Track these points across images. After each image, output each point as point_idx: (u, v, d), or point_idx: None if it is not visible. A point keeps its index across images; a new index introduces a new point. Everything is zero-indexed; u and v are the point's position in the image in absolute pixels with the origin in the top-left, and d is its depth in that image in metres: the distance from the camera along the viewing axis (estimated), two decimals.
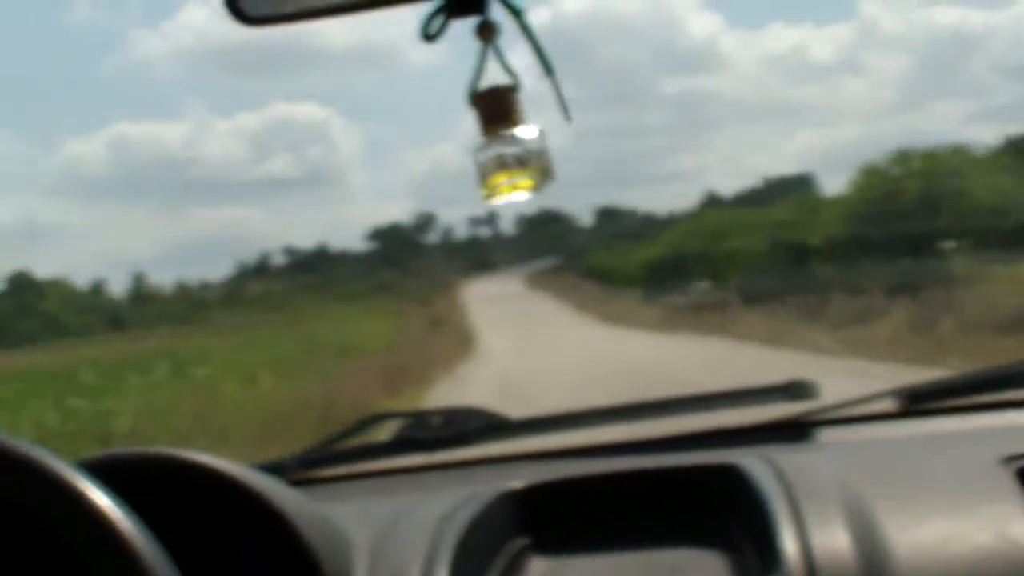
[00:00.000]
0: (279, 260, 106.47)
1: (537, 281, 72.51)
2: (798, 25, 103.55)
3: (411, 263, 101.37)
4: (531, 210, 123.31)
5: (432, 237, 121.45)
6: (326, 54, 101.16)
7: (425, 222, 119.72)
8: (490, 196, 1.23)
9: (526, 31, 1.22)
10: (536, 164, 1.23)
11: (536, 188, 1.24)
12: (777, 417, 1.76)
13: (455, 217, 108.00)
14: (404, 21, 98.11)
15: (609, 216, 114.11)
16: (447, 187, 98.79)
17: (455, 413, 1.86)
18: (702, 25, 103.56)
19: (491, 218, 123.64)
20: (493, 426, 1.84)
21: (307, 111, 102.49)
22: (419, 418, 1.87)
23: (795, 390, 1.82)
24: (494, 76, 1.24)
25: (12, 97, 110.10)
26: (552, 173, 1.23)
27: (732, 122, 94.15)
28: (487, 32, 1.21)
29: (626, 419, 1.84)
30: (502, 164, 1.22)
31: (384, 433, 1.88)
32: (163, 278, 79.33)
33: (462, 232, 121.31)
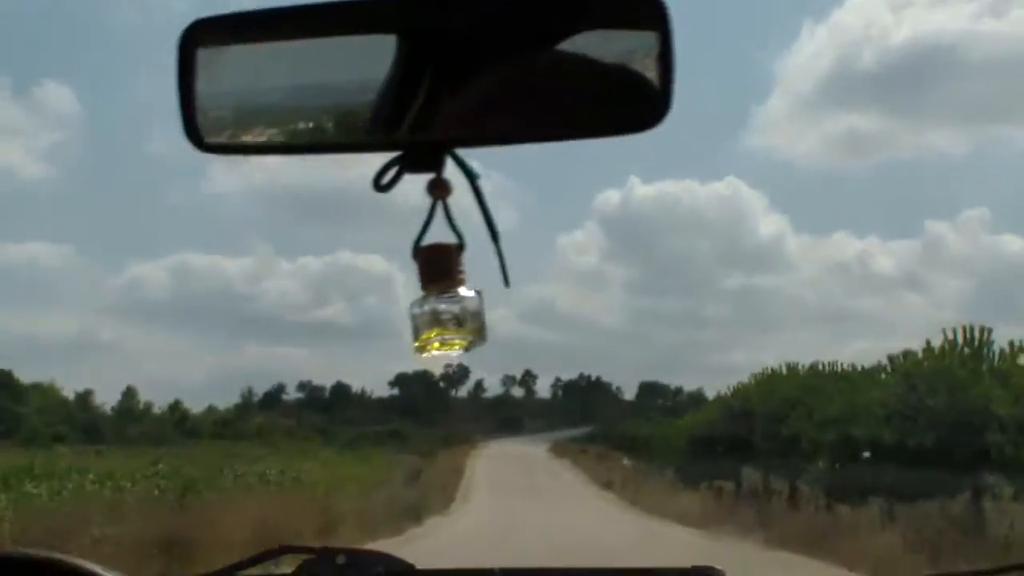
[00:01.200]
0: (294, 395, 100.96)
1: (565, 449, 65.32)
2: (863, 236, 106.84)
3: (433, 415, 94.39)
4: (571, 375, 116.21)
5: (461, 392, 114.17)
6: (398, 209, 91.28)
7: (457, 375, 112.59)
8: (421, 351, 1.25)
9: (478, 195, 1.25)
10: (471, 326, 1.25)
11: (468, 349, 1.27)
12: None
13: (493, 376, 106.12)
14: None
15: (651, 391, 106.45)
16: (492, 351, 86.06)
17: (361, 556, 1.86)
18: (768, 225, 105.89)
19: (525, 378, 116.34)
20: (395, 573, 1.84)
21: (371, 262, 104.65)
22: (325, 556, 1.85)
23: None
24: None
25: (86, 217, 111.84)
26: (486, 336, 1.27)
27: (790, 323, 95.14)
28: (439, 189, 1.23)
29: None
30: (438, 321, 1.24)
31: (288, 566, 1.84)
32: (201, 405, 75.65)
33: (496, 389, 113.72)
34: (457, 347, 1.26)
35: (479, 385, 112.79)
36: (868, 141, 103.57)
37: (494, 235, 1.29)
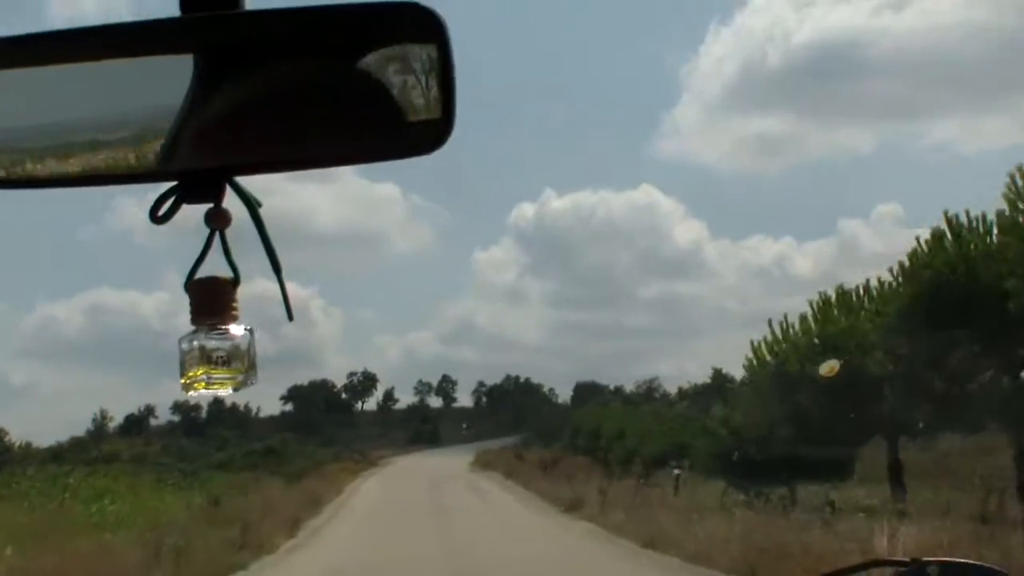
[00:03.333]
0: (166, 418, 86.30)
1: (494, 459, 50.50)
2: (780, 238, 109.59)
3: (334, 430, 79.58)
4: (495, 379, 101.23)
5: (369, 404, 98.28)
6: (314, 235, 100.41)
7: (361, 386, 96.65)
8: (187, 388, 1.20)
9: (258, 225, 1.21)
10: (240, 365, 1.20)
11: (237, 389, 1.21)
12: None
13: (405, 385, 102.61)
14: (392, 209, 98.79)
15: (589, 392, 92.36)
16: (419, 374, 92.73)
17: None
18: (686, 232, 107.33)
19: (443, 385, 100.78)
20: None
21: (287, 289, 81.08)
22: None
23: None
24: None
25: None
26: (256, 375, 1.21)
27: (712, 329, 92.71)
28: (216, 220, 1.19)
29: None
30: (206, 358, 1.19)
31: None
32: None
33: (409, 399, 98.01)
34: (226, 386, 1.20)
35: (389, 395, 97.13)
36: (779, 142, 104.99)
37: (276, 267, 1.26)
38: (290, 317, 1.30)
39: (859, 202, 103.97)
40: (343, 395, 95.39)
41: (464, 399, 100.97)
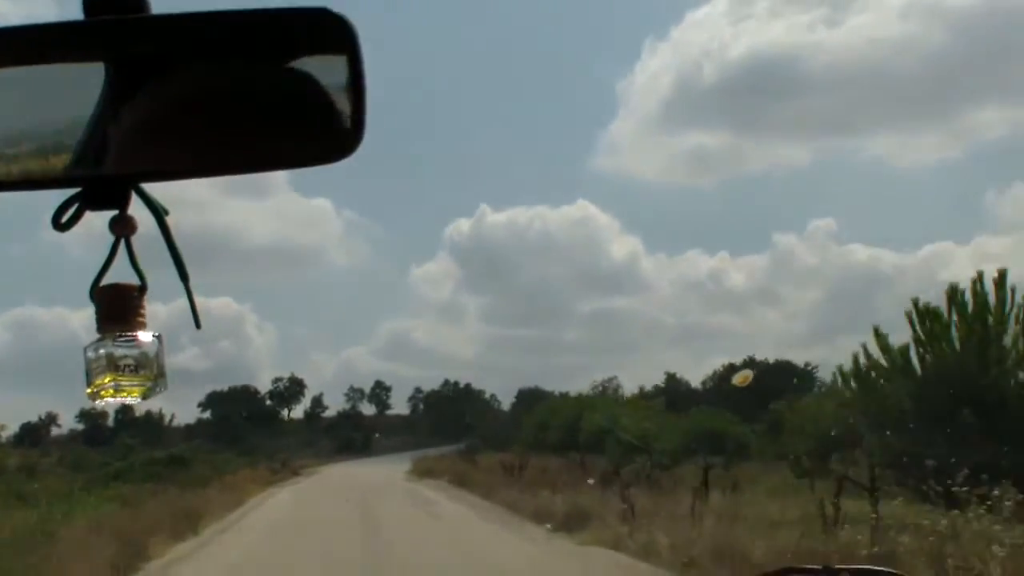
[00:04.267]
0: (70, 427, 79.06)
1: (431, 468, 44.16)
2: (715, 253, 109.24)
3: (256, 439, 72.67)
4: (433, 384, 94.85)
5: (296, 411, 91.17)
6: (248, 251, 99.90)
7: (288, 392, 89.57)
8: (94, 396, 1.18)
9: (165, 233, 1.19)
10: (149, 372, 1.18)
11: (145, 397, 1.19)
12: None
13: (335, 391, 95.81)
14: (327, 224, 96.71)
15: (533, 398, 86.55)
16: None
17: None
18: (622, 247, 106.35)
19: (376, 392, 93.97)
20: None
21: (222, 305, 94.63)
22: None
23: None
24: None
25: None
26: (165, 382, 1.20)
27: (648, 344, 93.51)
28: (120, 227, 1.16)
29: None
30: (113, 366, 1.17)
31: None
32: None
33: (341, 405, 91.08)
34: (134, 394, 1.18)
35: (318, 402, 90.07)
36: (715, 158, 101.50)
37: (183, 275, 1.22)
38: (197, 325, 1.27)
39: (794, 217, 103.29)
40: (267, 402, 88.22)
41: (400, 406, 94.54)
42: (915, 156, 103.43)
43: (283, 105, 1.12)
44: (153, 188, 1.16)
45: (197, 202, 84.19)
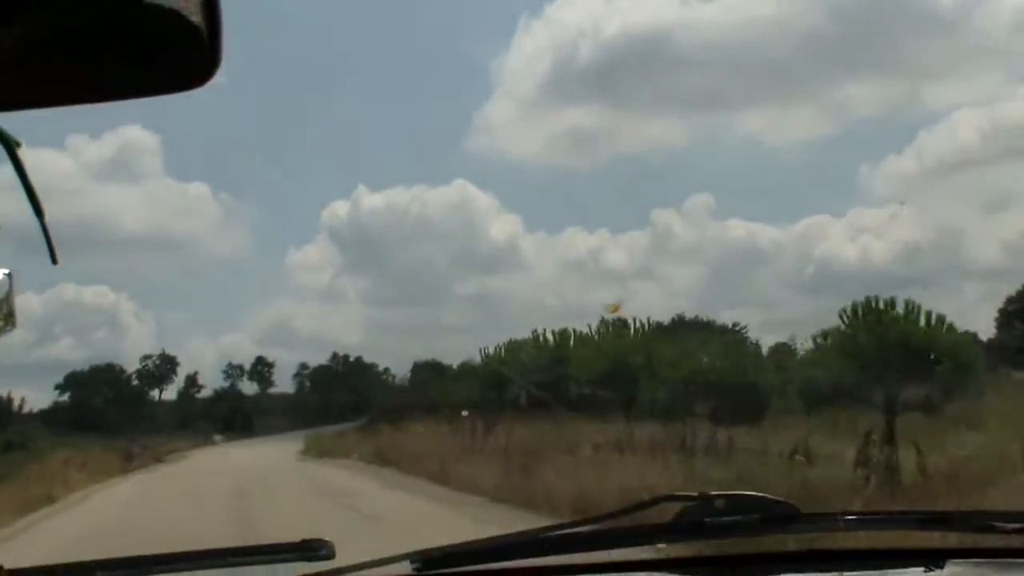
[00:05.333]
0: None
1: (330, 447, 36.92)
2: (594, 231, 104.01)
3: (122, 422, 64.27)
4: (320, 359, 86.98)
5: (169, 392, 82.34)
6: (122, 238, 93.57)
7: (158, 371, 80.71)
8: None
9: (17, 166, 1.13)
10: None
11: None
12: None
13: (211, 369, 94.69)
14: (204, 210, 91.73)
15: (430, 370, 79.91)
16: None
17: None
18: (501, 227, 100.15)
19: (258, 368, 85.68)
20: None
21: (98, 294, 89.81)
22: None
23: (309, 549, 1.83)
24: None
25: None
26: (15, 321, 1.16)
27: (530, 324, 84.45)
28: None
29: (139, 572, 1.88)
30: None
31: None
32: None
33: (217, 384, 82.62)
34: None
35: (192, 381, 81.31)
36: (592, 136, 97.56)
37: (37, 211, 1.16)
38: (54, 260, 1.19)
39: (672, 193, 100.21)
40: (134, 382, 79.22)
41: (284, 385, 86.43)
42: (790, 131, 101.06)
43: (135, 29, 1.03)
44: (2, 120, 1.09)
45: (68, 190, 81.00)
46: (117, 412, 68.82)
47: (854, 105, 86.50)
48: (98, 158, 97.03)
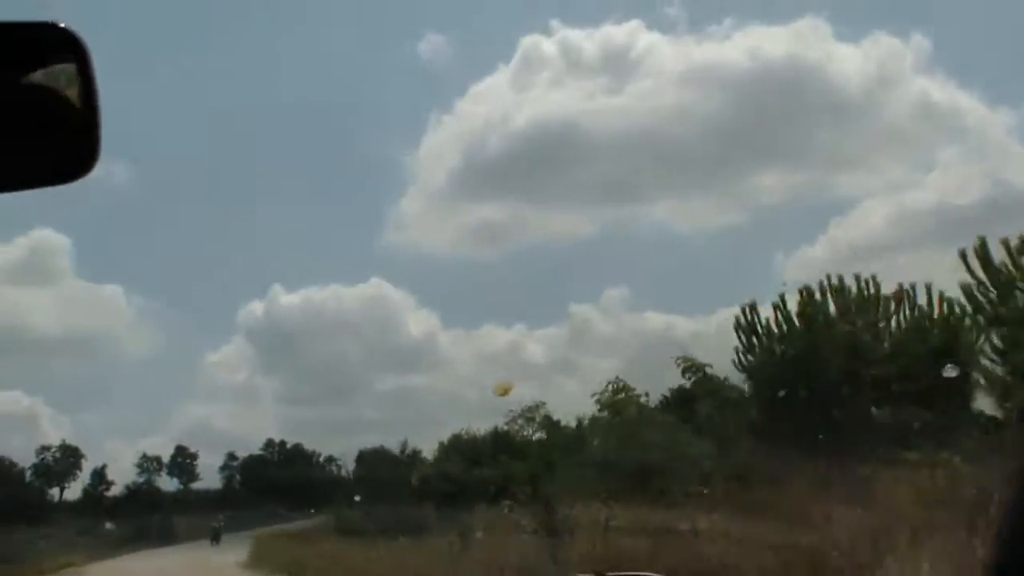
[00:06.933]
0: None
1: (286, 556, 25.66)
2: (511, 326, 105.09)
3: (17, 525, 51.90)
4: (251, 448, 75.25)
5: (73, 490, 69.55)
6: (35, 341, 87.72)
7: (59, 467, 68.08)
8: None
9: None
10: None
11: None
12: None
13: (121, 461, 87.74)
14: (118, 311, 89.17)
15: (378, 459, 69.51)
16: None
17: None
18: (418, 323, 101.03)
19: (178, 459, 73.26)
20: None
21: (11, 400, 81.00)
22: None
23: None
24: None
25: None
26: None
27: (449, 419, 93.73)
28: None
29: None
30: None
31: None
32: None
33: (128, 478, 70.26)
34: None
35: (100, 477, 68.65)
36: (503, 230, 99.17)
37: None
38: None
39: (588, 287, 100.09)
40: (27, 478, 66.34)
41: (210, 479, 74.19)
42: (698, 221, 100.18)
43: (17, 123, 1.04)
44: None
45: None
46: (3, 511, 56.20)
47: (760, 194, 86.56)
48: (7, 262, 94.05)
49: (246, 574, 25.73)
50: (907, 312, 22.14)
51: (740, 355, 23.00)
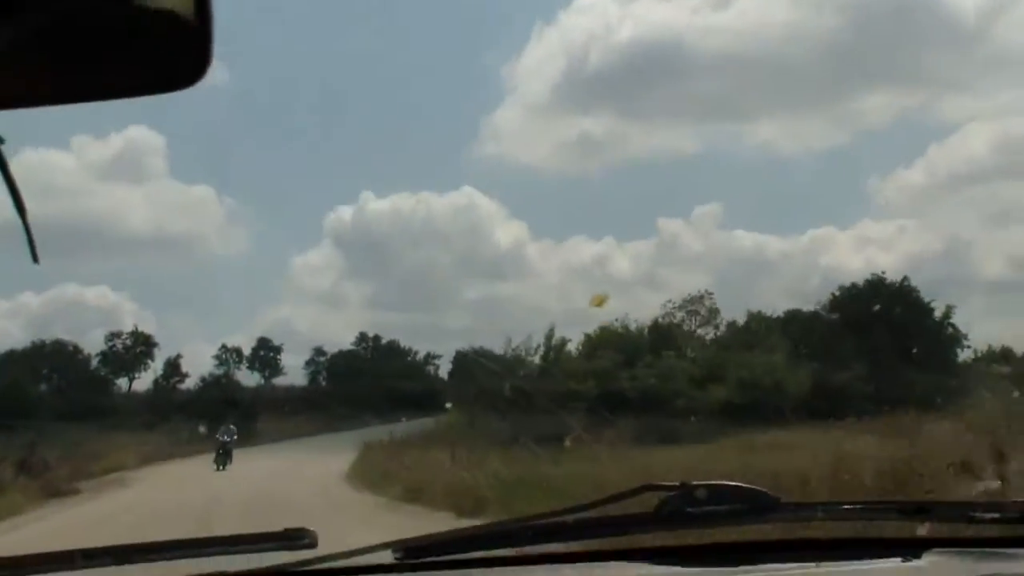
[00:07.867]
0: None
1: (385, 464, 17.73)
2: (600, 238, 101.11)
3: (61, 419, 45.52)
4: (339, 345, 68.30)
5: (144, 380, 63.12)
6: (124, 239, 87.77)
7: (131, 354, 61.47)
8: None
9: (2, 164, 1.13)
10: None
11: None
12: (271, 565, 1.81)
13: (202, 352, 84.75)
14: (208, 212, 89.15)
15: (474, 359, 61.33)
16: None
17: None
18: (507, 233, 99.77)
19: (260, 353, 66.30)
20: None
21: (98, 294, 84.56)
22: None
23: (293, 538, 1.82)
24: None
25: None
26: None
27: (534, 330, 69.32)
28: None
29: (119, 562, 1.87)
30: None
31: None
32: None
33: (206, 369, 63.63)
34: None
35: (174, 368, 62.02)
36: (601, 143, 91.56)
37: (20, 209, 1.17)
38: (35, 259, 1.21)
39: (679, 203, 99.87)
40: (92, 366, 59.99)
41: (296, 376, 67.41)
42: (801, 141, 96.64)
43: (125, 29, 1.04)
44: None
45: (69, 189, 76.53)
46: (64, 403, 49.66)
47: (867, 115, 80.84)
48: (101, 158, 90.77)
49: (364, 497, 17.83)
50: None
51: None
